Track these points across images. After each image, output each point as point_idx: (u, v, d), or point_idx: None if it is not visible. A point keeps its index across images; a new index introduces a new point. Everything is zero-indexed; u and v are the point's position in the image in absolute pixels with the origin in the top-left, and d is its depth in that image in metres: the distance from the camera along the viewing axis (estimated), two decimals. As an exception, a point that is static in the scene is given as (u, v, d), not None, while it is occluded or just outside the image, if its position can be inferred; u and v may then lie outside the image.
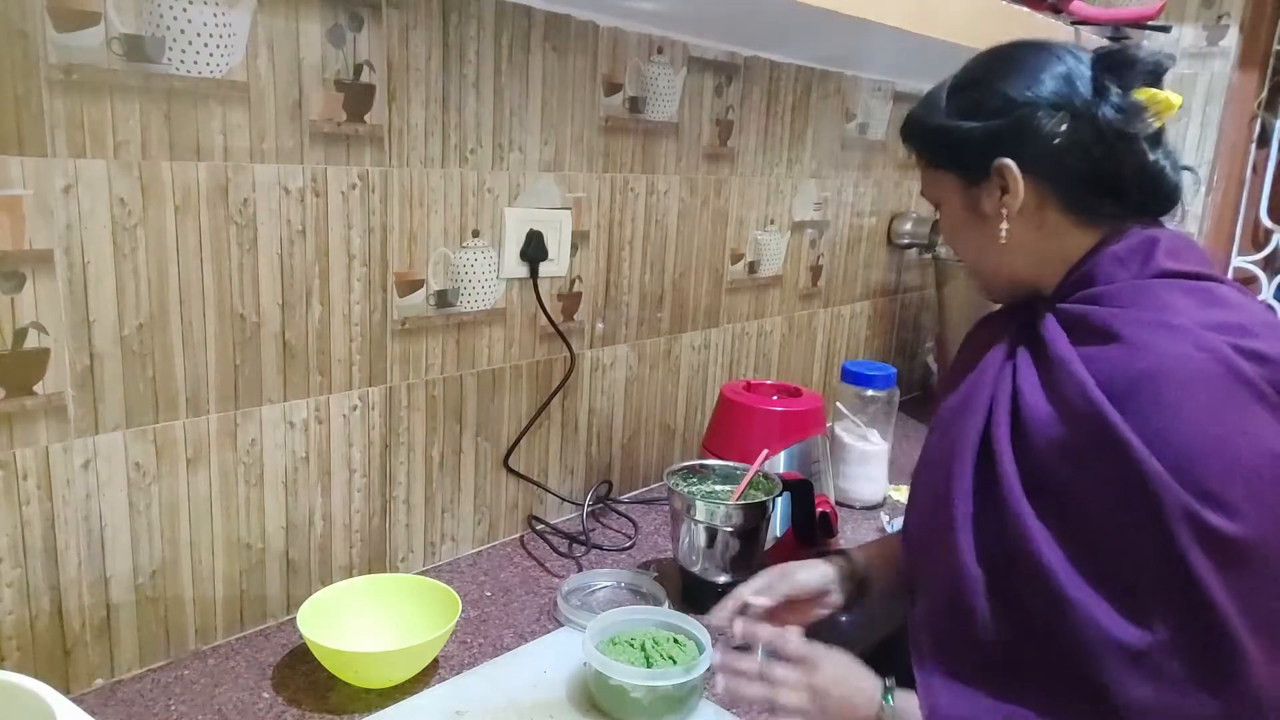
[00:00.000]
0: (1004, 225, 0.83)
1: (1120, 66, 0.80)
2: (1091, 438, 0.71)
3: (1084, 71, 0.80)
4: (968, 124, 0.83)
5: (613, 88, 1.28)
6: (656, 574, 1.18)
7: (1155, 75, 0.81)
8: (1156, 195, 0.82)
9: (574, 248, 1.28)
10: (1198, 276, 0.78)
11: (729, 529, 1.09)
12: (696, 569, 1.11)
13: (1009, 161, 0.81)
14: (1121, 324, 0.74)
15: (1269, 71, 2.34)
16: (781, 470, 1.25)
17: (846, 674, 0.84)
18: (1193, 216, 2.36)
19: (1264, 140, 2.38)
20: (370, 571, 1.12)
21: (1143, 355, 0.71)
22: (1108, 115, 0.78)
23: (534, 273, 1.22)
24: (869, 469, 1.50)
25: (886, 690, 0.81)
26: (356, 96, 0.99)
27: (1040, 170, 0.80)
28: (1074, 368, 0.74)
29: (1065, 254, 0.83)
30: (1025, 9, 1.48)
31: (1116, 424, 0.69)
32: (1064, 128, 0.79)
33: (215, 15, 0.87)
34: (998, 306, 0.95)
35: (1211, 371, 0.69)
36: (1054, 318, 0.80)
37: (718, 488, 1.17)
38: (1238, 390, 0.69)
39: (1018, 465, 0.76)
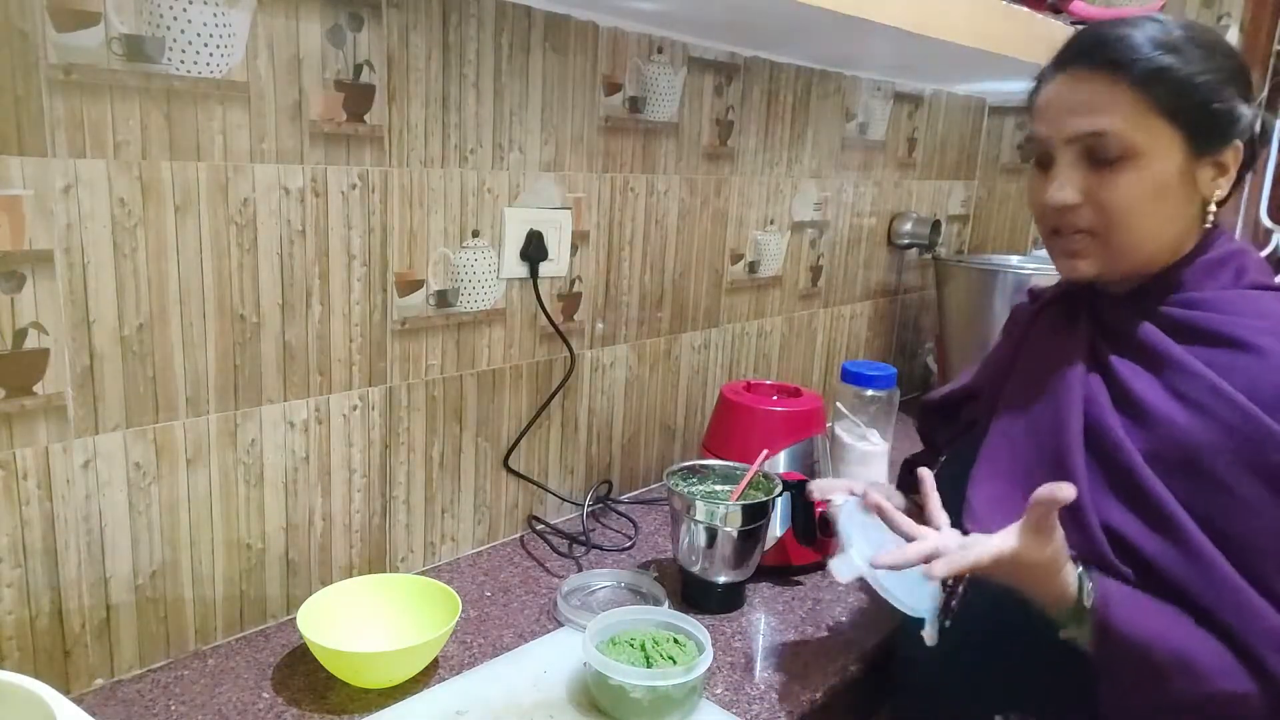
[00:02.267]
0: (1212, 207, 0.83)
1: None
2: (1251, 445, 0.73)
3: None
4: (1234, 94, 0.80)
5: (613, 88, 1.28)
6: (656, 574, 1.18)
7: None
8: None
9: (574, 248, 1.28)
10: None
11: (729, 529, 1.09)
12: (696, 569, 1.11)
13: (1242, 146, 0.81)
14: (1244, 332, 0.77)
15: (1269, 71, 2.34)
16: (781, 470, 1.25)
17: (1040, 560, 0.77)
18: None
19: (1264, 140, 2.37)
20: (370, 571, 1.12)
21: None
22: (1270, 122, 0.84)
23: (534, 273, 1.22)
24: (869, 469, 1.50)
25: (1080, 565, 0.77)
26: (356, 96, 0.99)
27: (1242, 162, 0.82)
28: (1203, 371, 0.76)
29: (1184, 246, 0.84)
30: (1025, 9, 1.48)
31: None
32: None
33: (215, 15, 0.87)
34: (1020, 295, 0.96)
35: None
36: (1153, 324, 0.82)
37: (718, 488, 1.17)
38: None
39: (1144, 458, 0.77)
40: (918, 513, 0.90)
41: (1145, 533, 0.76)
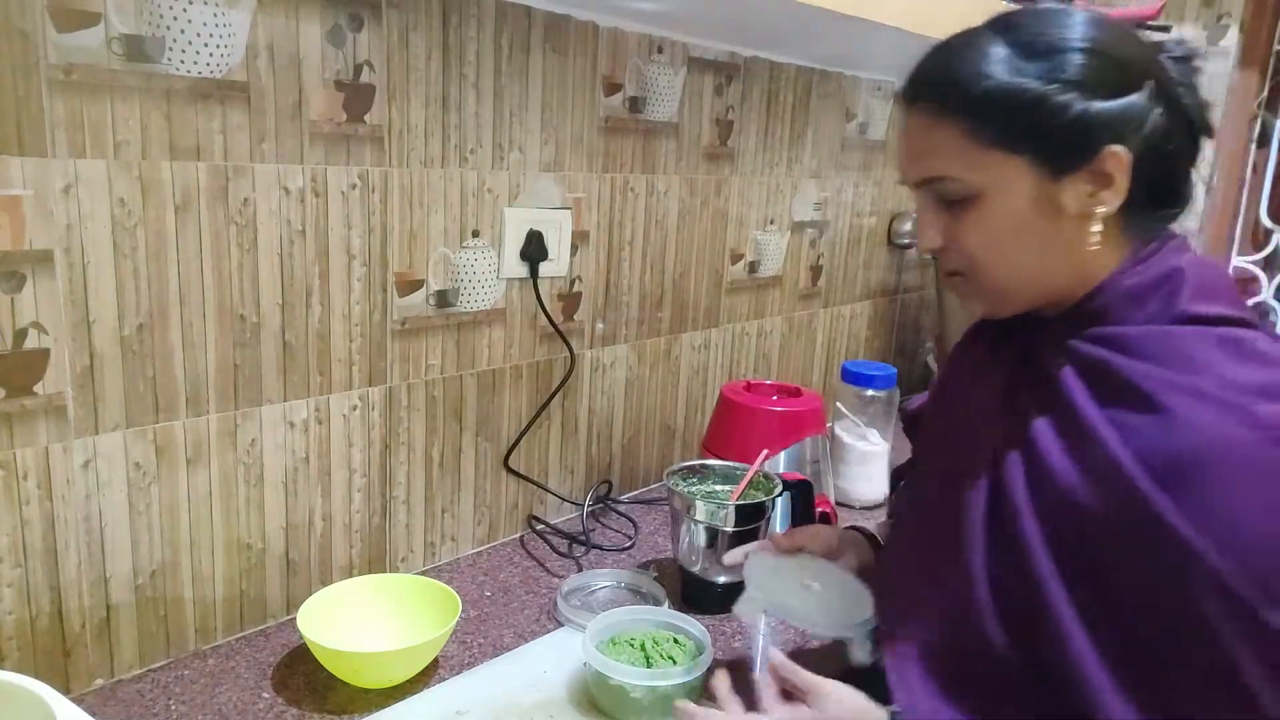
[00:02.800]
0: (1095, 227, 0.70)
1: (1184, 58, 0.73)
2: (1137, 524, 0.64)
3: (1152, 53, 0.72)
4: (1074, 97, 0.67)
5: (613, 88, 1.28)
6: (656, 574, 1.18)
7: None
8: (1187, 199, 0.75)
9: (574, 248, 1.28)
10: (1226, 321, 0.70)
11: (729, 529, 1.09)
12: (696, 569, 1.11)
13: (1123, 150, 0.68)
14: (1156, 387, 0.66)
15: (1269, 71, 2.34)
16: (781, 470, 1.25)
17: (853, 708, 0.76)
18: (1192, 216, 2.35)
19: (1264, 140, 2.37)
20: (370, 571, 1.12)
21: (1186, 432, 0.63)
22: (1194, 107, 0.71)
23: (534, 273, 1.22)
24: (869, 469, 1.50)
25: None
26: (356, 96, 0.99)
27: (1133, 165, 0.69)
28: (1106, 440, 0.66)
29: (1101, 268, 0.73)
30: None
31: (1165, 512, 0.62)
32: (1160, 117, 0.69)
33: (215, 15, 0.87)
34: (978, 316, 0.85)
35: (1265, 456, 0.61)
36: (1071, 367, 0.72)
37: (718, 488, 1.17)
38: None
39: (1040, 526, 0.69)
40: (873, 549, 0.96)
41: (1025, 632, 0.70)
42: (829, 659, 0.89)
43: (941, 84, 0.72)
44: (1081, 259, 0.72)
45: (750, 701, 0.80)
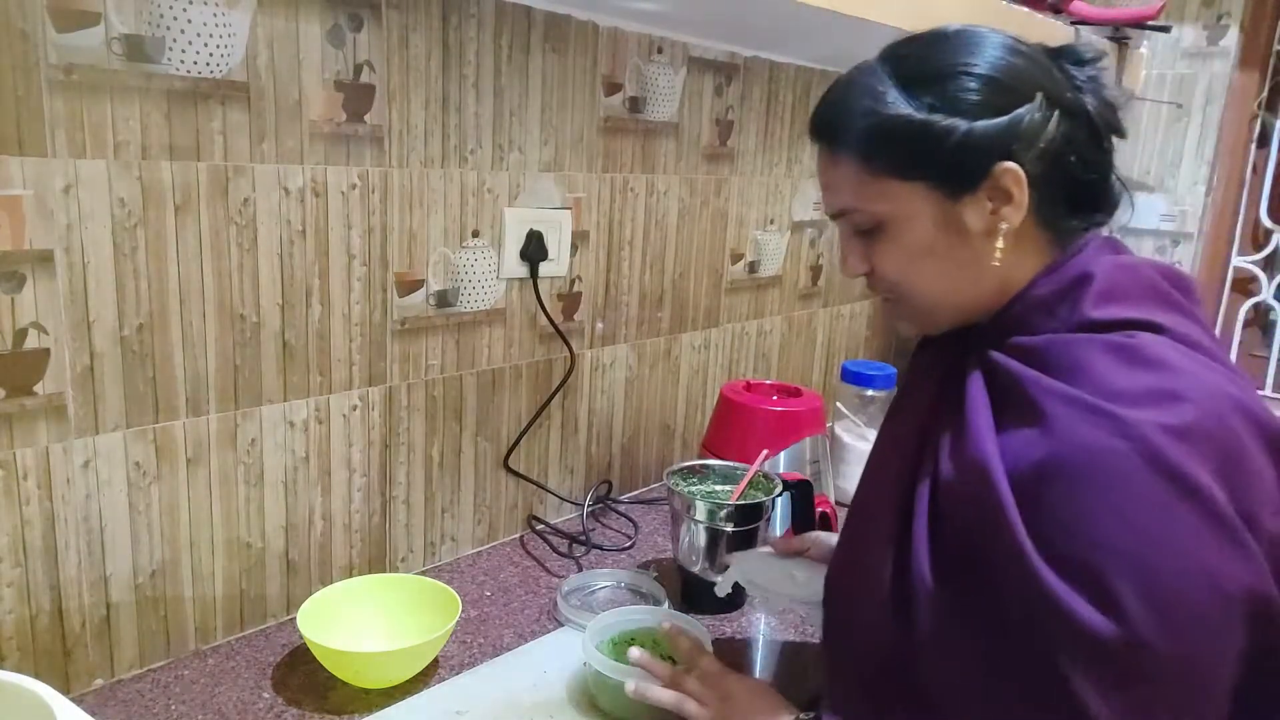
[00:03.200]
0: (999, 243, 0.71)
1: (1084, 62, 0.74)
2: (990, 533, 0.64)
3: (1047, 63, 0.73)
4: (957, 121, 0.69)
5: (613, 88, 1.28)
6: (656, 574, 1.18)
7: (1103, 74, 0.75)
8: (1111, 201, 0.76)
9: (574, 248, 1.28)
10: (1127, 324, 0.69)
11: (729, 529, 1.09)
12: (696, 569, 1.11)
13: (1014, 166, 0.69)
14: (1040, 396, 0.66)
15: (1269, 71, 2.35)
16: (781, 470, 1.25)
17: (759, 703, 0.82)
18: (1192, 216, 2.36)
19: (1264, 140, 2.38)
20: (370, 571, 1.12)
21: (1056, 443, 0.63)
22: (1097, 111, 0.72)
23: (534, 273, 1.22)
24: (869, 469, 1.50)
25: None
26: (356, 96, 0.99)
27: (1034, 176, 0.70)
28: (979, 447, 0.67)
29: (1022, 276, 0.73)
30: (1025, 9, 1.48)
31: (1013, 524, 0.62)
32: (1057, 125, 0.70)
33: (215, 15, 0.87)
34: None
35: (1128, 468, 0.60)
36: (981, 375, 0.72)
37: (718, 488, 1.17)
38: (1160, 488, 0.59)
39: (930, 534, 0.70)
40: None
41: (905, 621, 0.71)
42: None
43: (833, 123, 0.75)
44: (999, 272, 0.73)
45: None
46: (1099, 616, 0.59)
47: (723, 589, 1.01)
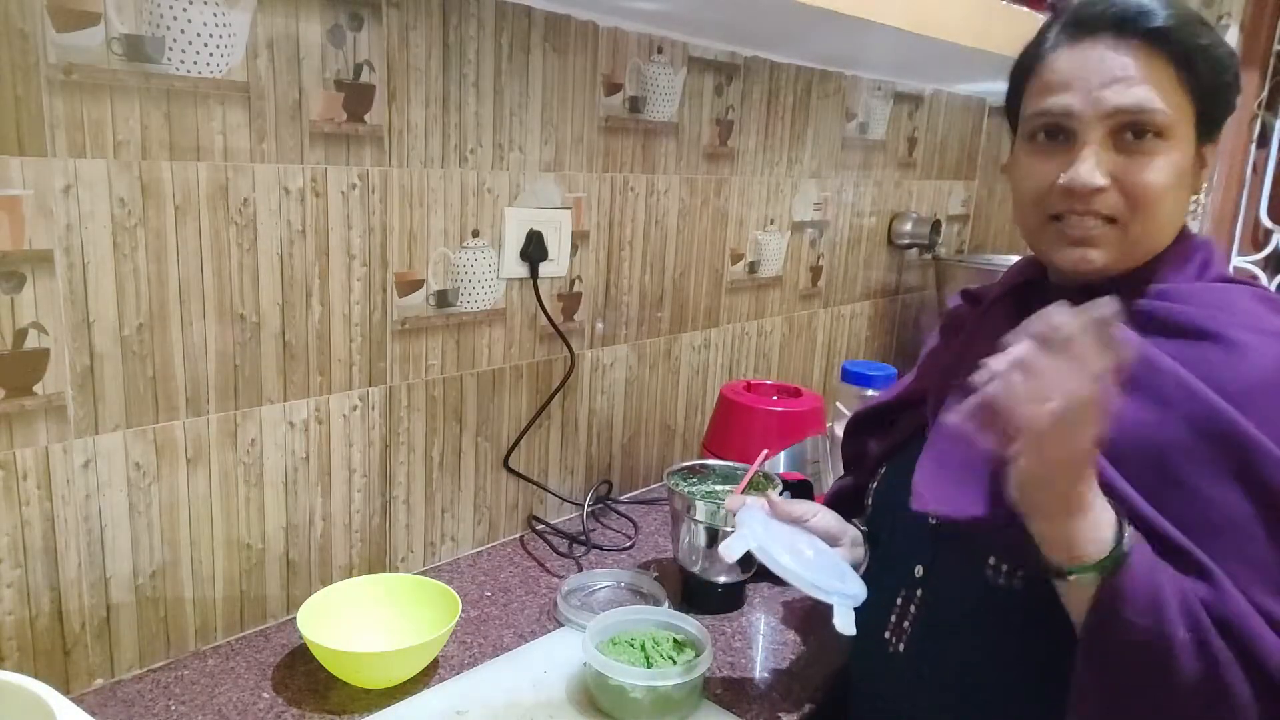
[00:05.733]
0: (1201, 197, 0.83)
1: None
2: (1214, 442, 0.68)
3: None
4: (1237, 86, 0.77)
5: (613, 88, 1.28)
6: (656, 574, 1.18)
7: None
8: None
9: (574, 248, 1.28)
10: (1245, 284, 0.79)
11: (729, 529, 1.08)
12: (696, 569, 1.11)
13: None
14: (1212, 324, 0.72)
15: (1269, 71, 2.34)
16: (781, 470, 1.25)
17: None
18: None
19: (1264, 140, 2.37)
20: (370, 571, 1.12)
21: (1251, 358, 0.70)
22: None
23: (534, 273, 1.22)
24: (869, 469, 1.50)
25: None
26: (356, 96, 0.99)
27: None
28: (1168, 366, 0.71)
29: (1166, 238, 0.79)
30: (1025, 9, 1.48)
31: (1245, 429, 0.68)
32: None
33: (215, 15, 0.87)
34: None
35: None
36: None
37: (718, 488, 1.17)
38: None
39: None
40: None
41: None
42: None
43: (1162, 23, 0.74)
44: (1181, 224, 0.80)
45: None
46: None
47: (732, 552, 0.84)
